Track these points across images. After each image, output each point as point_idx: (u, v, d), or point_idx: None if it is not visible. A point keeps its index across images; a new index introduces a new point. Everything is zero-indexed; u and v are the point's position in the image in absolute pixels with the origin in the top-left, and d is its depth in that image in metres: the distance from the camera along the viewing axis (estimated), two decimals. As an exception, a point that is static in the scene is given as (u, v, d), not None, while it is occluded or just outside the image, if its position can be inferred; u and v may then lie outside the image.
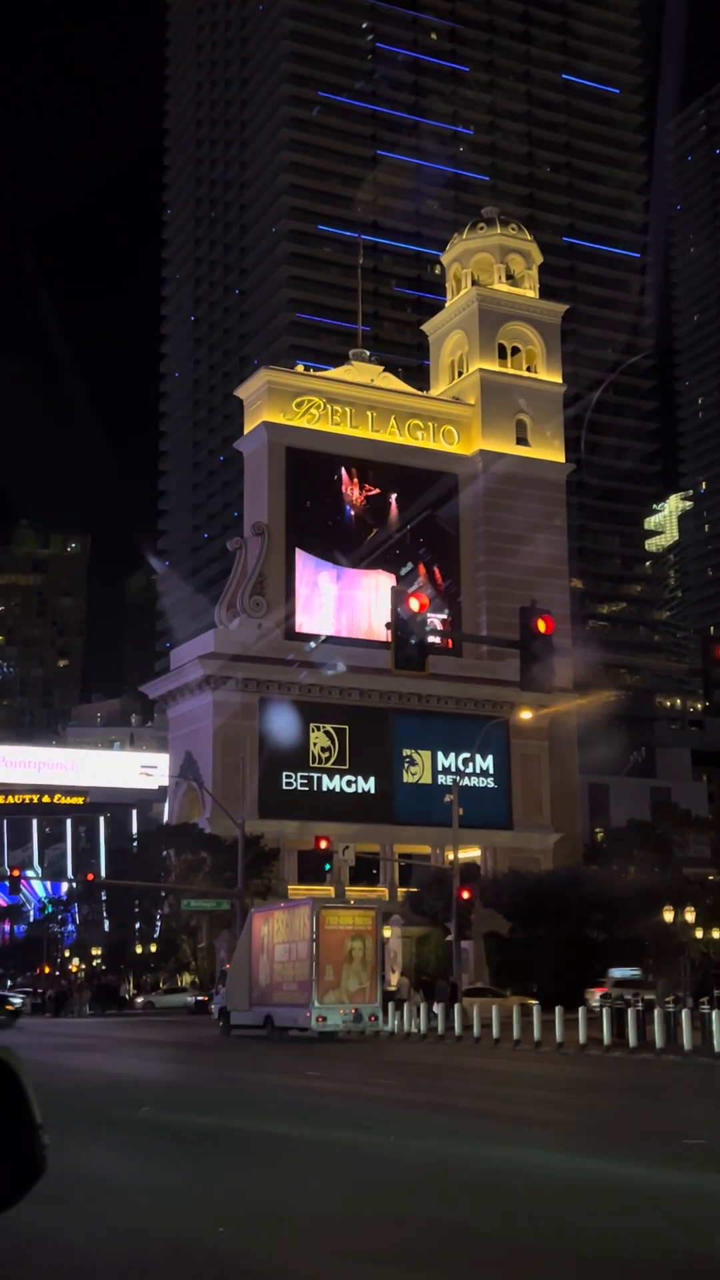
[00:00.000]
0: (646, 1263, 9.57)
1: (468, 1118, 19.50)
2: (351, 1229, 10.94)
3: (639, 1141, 16.79)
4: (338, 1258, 9.80)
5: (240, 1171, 14.13)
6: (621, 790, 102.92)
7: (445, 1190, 12.93)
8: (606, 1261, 9.61)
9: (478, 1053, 36.21)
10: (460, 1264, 9.59)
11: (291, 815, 78.24)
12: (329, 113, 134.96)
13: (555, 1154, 15.45)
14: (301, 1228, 11.02)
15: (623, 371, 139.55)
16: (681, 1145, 16.18)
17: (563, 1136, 17.46)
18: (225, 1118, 19.57)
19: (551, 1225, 11.01)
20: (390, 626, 22.67)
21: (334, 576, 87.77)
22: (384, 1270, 9.40)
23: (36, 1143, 2.42)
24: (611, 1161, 14.81)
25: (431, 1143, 16.57)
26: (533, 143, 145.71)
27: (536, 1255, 9.84)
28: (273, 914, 45.45)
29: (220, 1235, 10.58)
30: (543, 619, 23.31)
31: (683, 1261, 9.62)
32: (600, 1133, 18.14)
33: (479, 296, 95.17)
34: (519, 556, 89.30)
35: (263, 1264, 9.63)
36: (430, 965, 66.33)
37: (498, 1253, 9.93)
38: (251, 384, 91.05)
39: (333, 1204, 12.16)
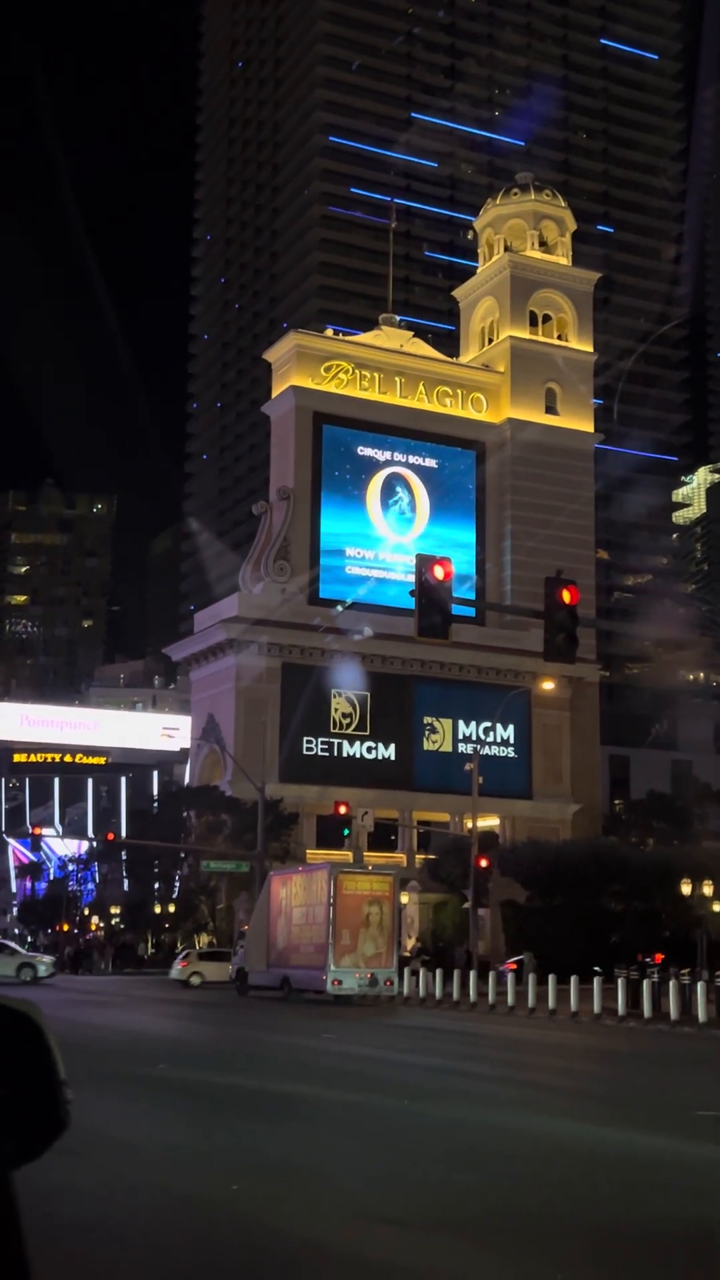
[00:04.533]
0: (662, 1233, 9.61)
1: (483, 1083, 19.60)
2: (367, 1191, 11.02)
3: (653, 1112, 16.85)
4: (353, 1218, 9.87)
5: (255, 1131, 14.23)
6: (642, 762, 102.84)
7: (461, 1155, 13.00)
8: (623, 1231, 9.65)
9: (493, 1020, 36.37)
10: (477, 1229, 9.65)
11: (312, 780, 78.44)
12: (363, 74, 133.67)
13: (570, 1122, 15.52)
14: (317, 1188, 11.10)
15: (655, 341, 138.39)
16: (695, 1116, 16.22)
17: (578, 1104, 17.54)
18: (241, 1077, 19.72)
19: (567, 1193, 11.06)
20: (415, 594, 22.63)
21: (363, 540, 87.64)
22: (399, 1232, 9.46)
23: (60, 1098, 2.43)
24: (626, 1131, 14.86)
25: (447, 1108, 16.66)
26: (569, 108, 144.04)
27: (554, 1223, 9.89)
28: (291, 877, 45.69)
29: (235, 1192, 10.67)
30: (568, 589, 23.22)
31: (698, 1233, 9.65)
32: (615, 1102, 18.21)
33: (511, 263, 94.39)
34: (545, 526, 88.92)
35: (278, 1222, 9.70)
36: (447, 932, 66.58)
37: (515, 1220, 9.98)
38: (280, 347, 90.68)
39: (348, 1165, 12.25)
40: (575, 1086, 20.36)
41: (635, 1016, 35.11)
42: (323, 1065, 22.42)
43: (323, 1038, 28.50)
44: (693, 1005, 33.83)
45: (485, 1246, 9.10)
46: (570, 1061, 25.04)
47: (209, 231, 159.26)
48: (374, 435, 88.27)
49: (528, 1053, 26.28)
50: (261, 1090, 18.04)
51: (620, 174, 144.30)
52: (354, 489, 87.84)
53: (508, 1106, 16.81)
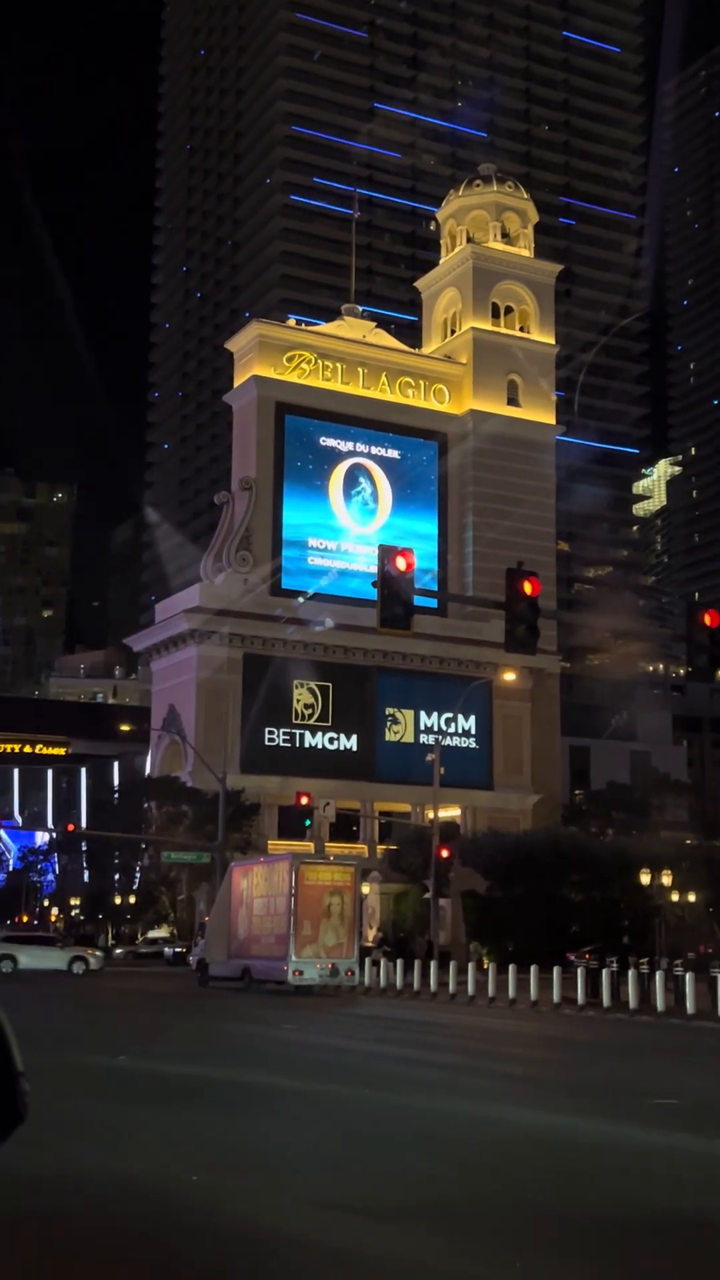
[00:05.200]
0: (618, 1219, 9.71)
1: (443, 1072, 19.69)
2: (329, 1180, 11.06)
3: (611, 1100, 16.99)
4: (314, 1207, 9.91)
5: (217, 1121, 14.25)
6: (602, 753, 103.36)
7: (421, 1143, 13.07)
8: (582, 1218, 9.74)
9: (453, 1009, 36.53)
10: (438, 1218, 9.71)
11: (273, 771, 78.42)
12: (326, 64, 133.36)
13: (529, 1110, 15.62)
14: (277, 1176, 11.13)
15: (615, 334, 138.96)
16: (653, 1105, 16.37)
17: (537, 1093, 17.65)
18: (202, 1067, 19.72)
19: (526, 1181, 11.15)
20: (377, 585, 22.65)
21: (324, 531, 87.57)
22: (359, 1219, 9.51)
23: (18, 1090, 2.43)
24: (585, 1119, 14.98)
25: (407, 1097, 16.73)
26: (531, 100, 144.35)
27: (513, 1211, 9.97)
28: (252, 868, 45.70)
29: (195, 1182, 10.69)
30: (529, 581, 23.30)
31: (653, 1219, 9.75)
32: (573, 1091, 18.34)
33: (474, 254, 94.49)
34: (507, 517, 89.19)
35: (238, 1211, 9.73)
36: (407, 922, 66.80)
37: (475, 1208, 10.05)
38: (242, 337, 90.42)
39: (308, 1154, 12.29)
40: (534, 1075, 20.49)
41: (594, 1006, 35.36)
42: (284, 1055, 22.46)
43: (284, 1028, 28.53)
44: (651, 995, 34.10)
45: (445, 1233, 9.16)
46: (529, 1050, 25.20)
47: (170, 220, 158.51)
48: (336, 426, 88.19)
49: (487, 1042, 26.42)
50: (222, 1080, 18.05)
51: (581, 166, 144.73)
52: (316, 480, 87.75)
53: (467, 1095, 16.90)
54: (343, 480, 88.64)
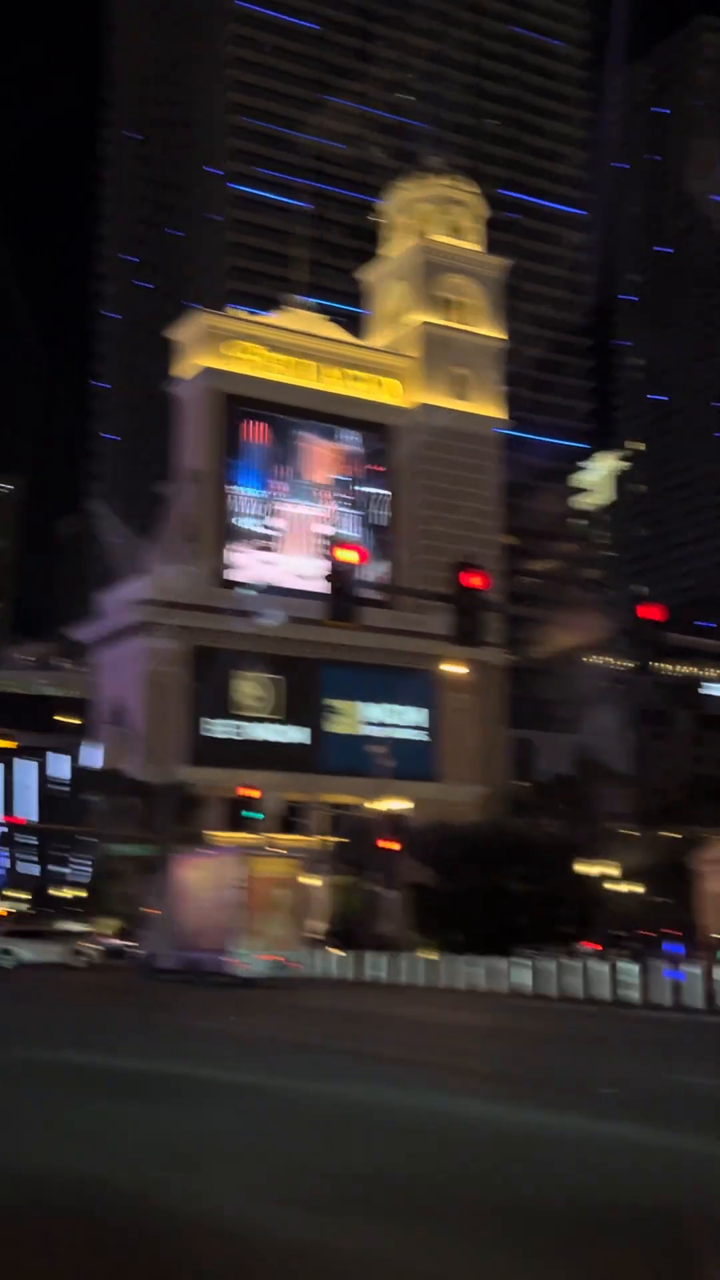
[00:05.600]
0: (566, 1209, 9.81)
1: (388, 1064, 19.77)
2: (271, 1173, 11.08)
3: (557, 1090, 17.14)
4: (255, 1199, 9.93)
5: (158, 1114, 14.22)
6: (547, 745, 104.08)
7: (365, 1136, 13.12)
8: (526, 1210, 9.83)
9: (398, 1000, 36.64)
10: (383, 1211, 9.76)
11: (221, 763, 78.24)
12: (275, 55, 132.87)
13: (475, 1101, 15.72)
14: (220, 1171, 11.13)
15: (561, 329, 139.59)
16: (597, 1094, 16.53)
17: (482, 1084, 17.77)
18: (145, 1061, 19.66)
19: (471, 1173, 11.22)
20: (327, 578, 22.69)
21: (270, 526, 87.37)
22: (301, 1212, 9.54)
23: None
24: (530, 1110, 15.10)
25: (352, 1088, 16.78)
26: (479, 94, 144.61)
27: (456, 1203, 10.04)
28: (199, 861, 45.63)
29: (134, 1176, 10.67)
30: (476, 574, 23.43)
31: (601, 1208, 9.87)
32: (519, 1081, 18.48)
33: (421, 247, 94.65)
34: (454, 510, 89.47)
35: (177, 1205, 9.72)
36: (354, 914, 66.85)
37: (417, 1199, 10.11)
38: (189, 327, 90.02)
39: (252, 1148, 12.29)
40: (480, 1066, 20.62)
41: (540, 996, 35.62)
42: (229, 1048, 22.46)
43: (229, 1020, 28.51)
44: (595, 984, 34.41)
45: (390, 1225, 9.21)
46: (475, 1041, 25.35)
47: (118, 210, 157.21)
48: (284, 417, 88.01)
49: (434, 1033, 26.54)
50: (166, 1073, 18.02)
51: (529, 161, 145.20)
52: (263, 471, 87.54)
53: (416, 1087, 16.98)
54: (291, 472, 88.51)
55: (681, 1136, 13.11)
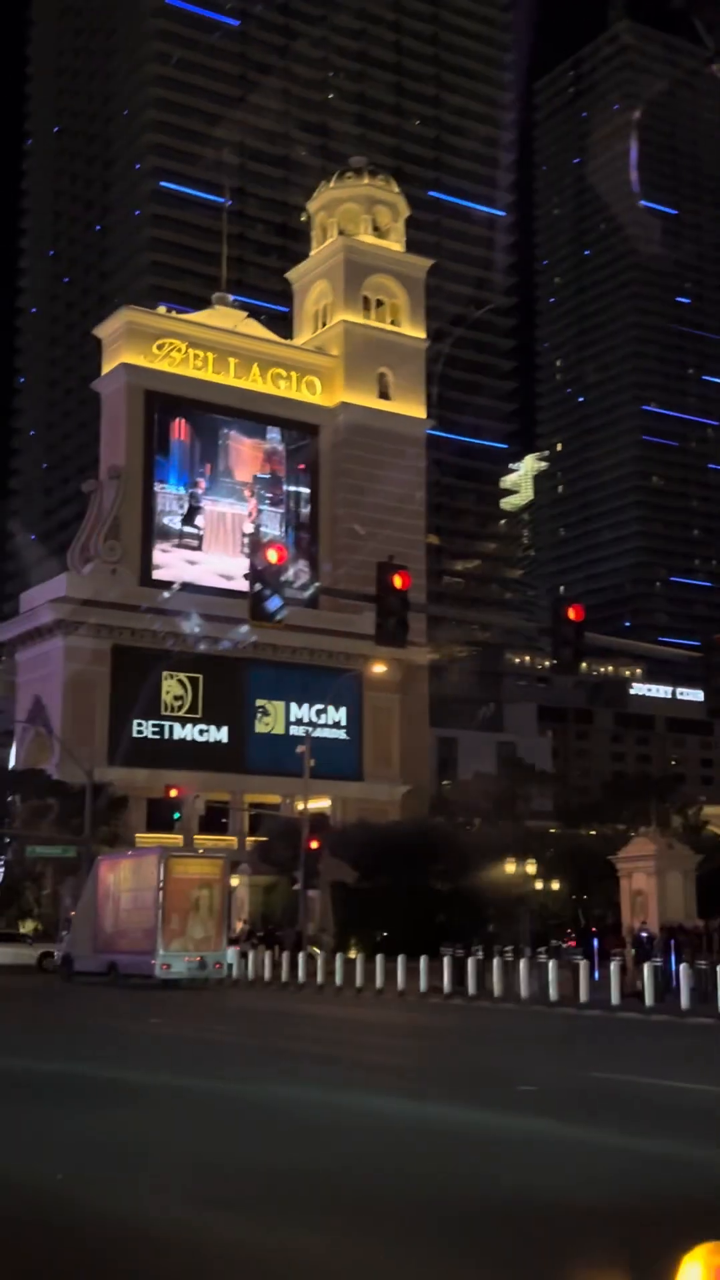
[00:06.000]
0: (484, 1206, 9.88)
1: (311, 1064, 19.79)
2: (197, 1174, 11.04)
3: (476, 1088, 17.25)
4: (182, 1202, 9.89)
5: (81, 1118, 14.12)
6: (470, 744, 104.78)
7: (290, 1135, 13.12)
8: (447, 1205, 9.89)
9: (322, 1000, 36.69)
10: (306, 1209, 9.76)
11: (142, 763, 77.67)
12: (197, 50, 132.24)
13: (397, 1099, 15.79)
14: (146, 1173, 11.08)
15: (484, 330, 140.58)
16: (516, 1091, 16.66)
17: (404, 1082, 17.85)
18: (66, 1063, 19.50)
19: (396, 1170, 11.27)
20: (247, 577, 22.62)
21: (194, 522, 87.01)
22: (228, 1214, 9.52)
23: None
24: (450, 1107, 15.19)
25: (275, 1089, 16.78)
26: (401, 94, 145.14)
27: (378, 1200, 10.08)
28: (120, 862, 45.32)
29: (60, 1181, 10.58)
30: (399, 574, 23.49)
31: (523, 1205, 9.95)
32: (439, 1079, 18.58)
33: (345, 247, 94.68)
34: (377, 510, 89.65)
35: (105, 1209, 9.66)
36: (276, 914, 66.80)
37: (342, 1198, 10.13)
38: (111, 323, 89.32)
39: (177, 1149, 12.25)
40: (402, 1064, 20.71)
41: (460, 994, 35.84)
42: (151, 1050, 22.34)
43: (151, 1022, 28.37)
44: (515, 983, 34.68)
45: (315, 1225, 9.22)
46: (396, 1040, 25.45)
47: (38, 203, 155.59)
48: (207, 415, 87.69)
49: (355, 1032, 26.62)
50: (89, 1076, 17.88)
51: (451, 162, 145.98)
52: (186, 469, 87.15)
53: (336, 1086, 17.01)
54: (213, 470, 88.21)
55: (598, 1132, 13.26)
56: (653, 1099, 16.08)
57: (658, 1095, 16.41)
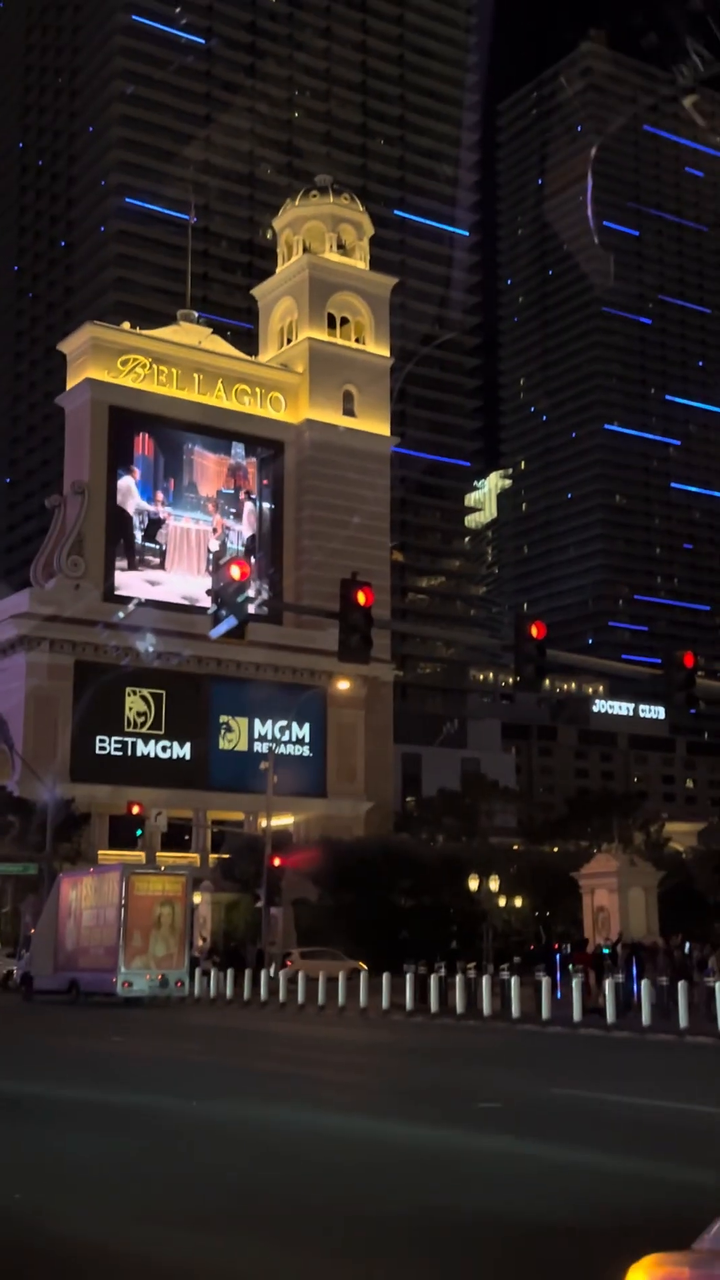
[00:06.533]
0: (444, 1223, 9.87)
1: (270, 1082, 19.71)
2: (153, 1193, 10.98)
3: (437, 1105, 17.23)
4: (139, 1220, 9.84)
5: (40, 1137, 14.01)
6: (433, 760, 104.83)
7: (247, 1154, 13.07)
8: (404, 1223, 9.87)
9: (283, 1018, 36.56)
10: (263, 1226, 9.73)
11: (105, 780, 77.27)
12: (163, 68, 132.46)
13: (357, 1117, 15.75)
14: (102, 1192, 11.01)
15: (448, 349, 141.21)
16: (477, 1108, 16.66)
17: (364, 1100, 17.81)
18: (23, 1082, 19.36)
19: (350, 1188, 11.24)
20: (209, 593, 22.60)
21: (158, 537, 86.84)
22: (185, 1233, 9.48)
23: None
24: (411, 1125, 15.17)
25: (236, 1107, 16.71)
26: (367, 113, 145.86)
27: (336, 1217, 10.05)
28: (82, 879, 45.03)
29: (16, 1200, 10.50)
30: (362, 590, 23.51)
31: (483, 1220, 9.95)
32: (400, 1096, 18.55)
33: (310, 264, 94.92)
34: (342, 526, 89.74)
35: (61, 1228, 9.59)
36: (239, 931, 66.56)
37: (300, 1216, 10.10)
38: (75, 339, 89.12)
39: (135, 1168, 12.18)
40: (363, 1082, 20.66)
41: (422, 1011, 35.80)
42: (112, 1068, 22.20)
43: (112, 1040, 28.18)
44: (478, 999, 34.67)
45: (275, 1243, 9.19)
46: (356, 1057, 25.39)
47: (2, 218, 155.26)
48: (171, 431, 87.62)
49: (316, 1050, 26.53)
50: (47, 1096, 17.75)
51: (416, 182, 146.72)
52: (152, 485, 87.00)
53: (297, 1103, 16.96)
54: (176, 486, 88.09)
55: (559, 1148, 13.28)
56: (613, 1115, 16.12)
57: (618, 1111, 16.45)
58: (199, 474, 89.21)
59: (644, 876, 45.36)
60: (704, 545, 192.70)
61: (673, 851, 77.38)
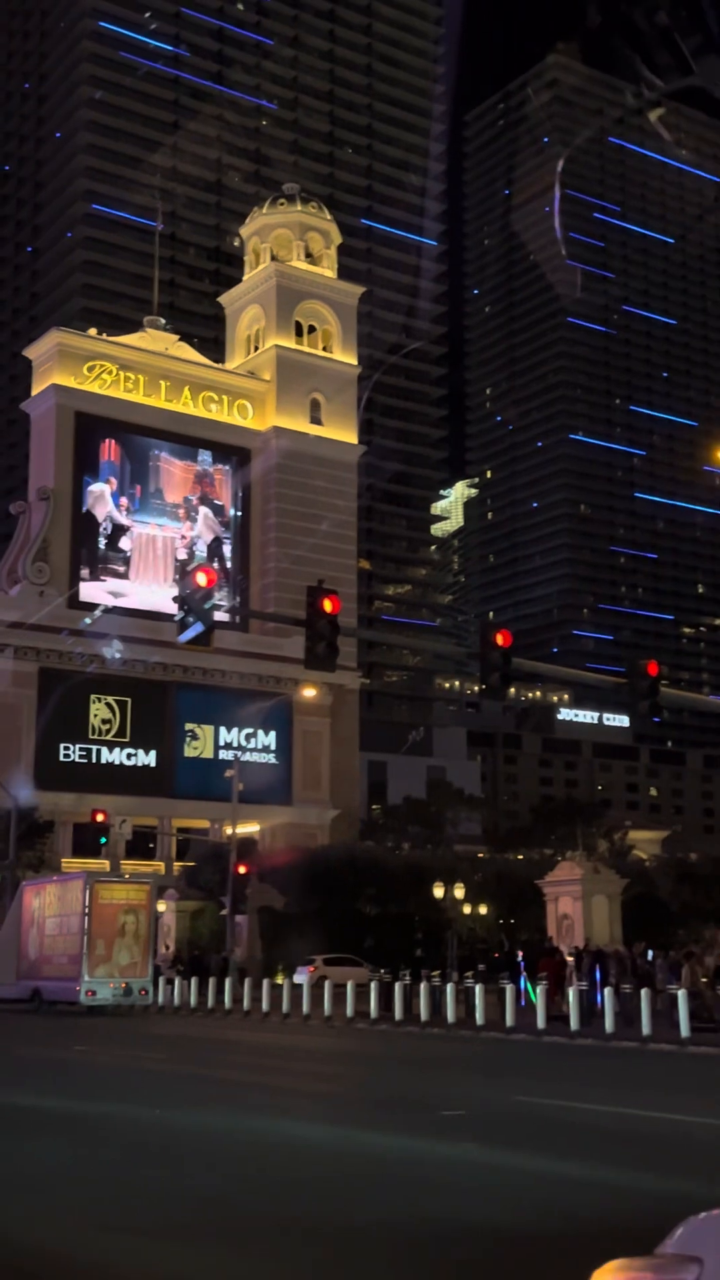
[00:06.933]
0: (412, 1231, 9.87)
1: (235, 1090, 19.66)
2: (113, 1202, 10.94)
3: (401, 1113, 17.23)
4: (99, 1229, 9.80)
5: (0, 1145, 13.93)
6: (399, 768, 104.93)
7: (209, 1162, 13.03)
8: (367, 1231, 9.87)
9: (247, 1026, 36.46)
10: (226, 1236, 9.70)
11: (69, 787, 76.93)
12: (131, 75, 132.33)
13: (320, 1126, 15.73)
14: (63, 1201, 10.95)
15: (413, 358, 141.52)
16: (441, 1116, 16.67)
17: (327, 1108, 17.78)
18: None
19: (314, 1197, 11.23)
20: (175, 600, 22.57)
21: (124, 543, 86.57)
22: (145, 1241, 9.44)
23: None
24: (374, 1133, 15.16)
25: (198, 1116, 16.65)
26: (334, 122, 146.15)
27: (297, 1226, 10.04)
28: (45, 887, 44.78)
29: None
30: (329, 598, 23.52)
31: (441, 1230, 9.95)
32: (364, 1105, 18.53)
33: (277, 272, 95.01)
34: (308, 534, 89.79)
35: (19, 1236, 9.54)
36: (203, 939, 66.29)
37: (263, 1225, 10.08)
38: (41, 344, 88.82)
39: (95, 1177, 12.12)
40: (327, 1090, 20.64)
41: (387, 1019, 35.79)
42: (73, 1077, 22.08)
43: (75, 1049, 28.03)
44: (442, 1007, 34.69)
45: (236, 1252, 9.17)
46: (321, 1066, 25.35)
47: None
48: (137, 438, 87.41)
49: (280, 1058, 26.48)
50: (7, 1104, 17.64)
51: (384, 191, 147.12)
52: (119, 492, 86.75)
53: (260, 1112, 16.92)
54: (142, 493, 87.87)
55: (521, 1156, 13.30)
56: (575, 1122, 16.16)
57: (580, 1119, 16.50)
58: (166, 481, 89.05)
59: (607, 884, 45.53)
60: (667, 555, 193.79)
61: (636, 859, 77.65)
